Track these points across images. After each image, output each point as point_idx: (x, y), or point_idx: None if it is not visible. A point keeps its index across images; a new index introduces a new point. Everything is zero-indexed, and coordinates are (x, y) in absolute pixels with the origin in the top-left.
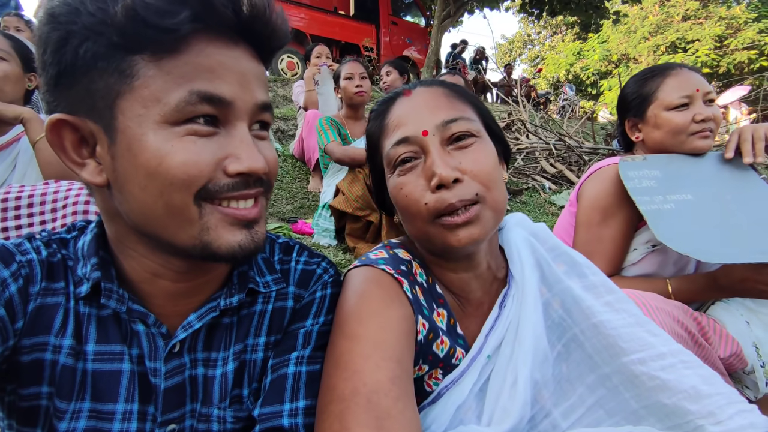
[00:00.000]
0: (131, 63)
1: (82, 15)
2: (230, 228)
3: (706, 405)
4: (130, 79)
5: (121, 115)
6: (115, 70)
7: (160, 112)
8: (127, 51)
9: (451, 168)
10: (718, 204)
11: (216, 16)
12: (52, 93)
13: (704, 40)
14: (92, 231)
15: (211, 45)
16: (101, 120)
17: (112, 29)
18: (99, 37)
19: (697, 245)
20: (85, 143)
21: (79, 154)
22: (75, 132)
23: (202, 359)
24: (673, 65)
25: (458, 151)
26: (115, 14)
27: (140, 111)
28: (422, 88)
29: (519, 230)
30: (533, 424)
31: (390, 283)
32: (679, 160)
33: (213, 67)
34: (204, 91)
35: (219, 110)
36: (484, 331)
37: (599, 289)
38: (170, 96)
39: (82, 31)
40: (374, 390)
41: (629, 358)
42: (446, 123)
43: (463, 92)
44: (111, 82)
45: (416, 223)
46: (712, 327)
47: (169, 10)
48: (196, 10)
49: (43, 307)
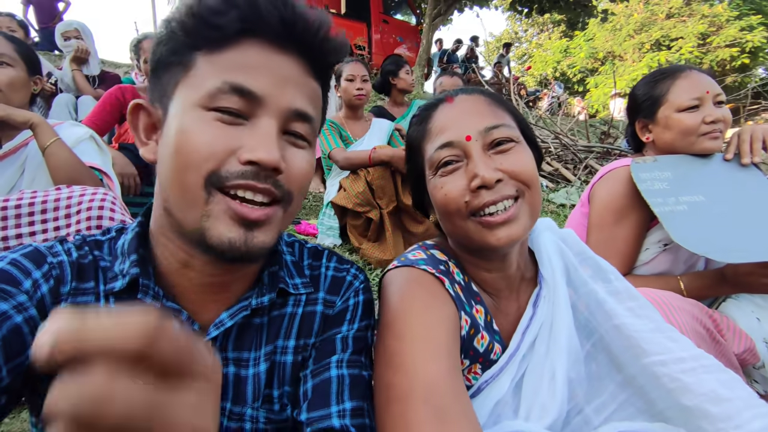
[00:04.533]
0: (192, 57)
1: (178, 19)
2: (229, 222)
3: (726, 408)
4: (187, 70)
5: (175, 101)
6: (180, 63)
7: (196, 95)
8: (190, 48)
9: (492, 170)
10: (728, 204)
11: (262, 20)
12: (154, 80)
13: (688, 37)
14: (133, 230)
15: (257, 47)
16: (163, 106)
17: (180, 28)
18: (175, 36)
19: (710, 245)
20: (155, 129)
21: (147, 135)
22: (148, 116)
23: (233, 358)
24: (683, 67)
25: (499, 155)
26: (181, 13)
27: (185, 94)
28: (464, 95)
29: (549, 234)
30: (566, 421)
31: (432, 282)
32: (688, 161)
33: (252, 65)
34: (236, 82)
35: (248, 104)
36: (520, 329)
37: (622, 295)
38: (207, 82)
39: (169, 32)
40: (430, 386)
41: (650, 360)
42: (488, 129)
43: (501, 100)
44: (176, 73)
45: (455, 220)
46: (726, 324)
47: (220, 10)
48: (244, 13)
49: (75, 306)
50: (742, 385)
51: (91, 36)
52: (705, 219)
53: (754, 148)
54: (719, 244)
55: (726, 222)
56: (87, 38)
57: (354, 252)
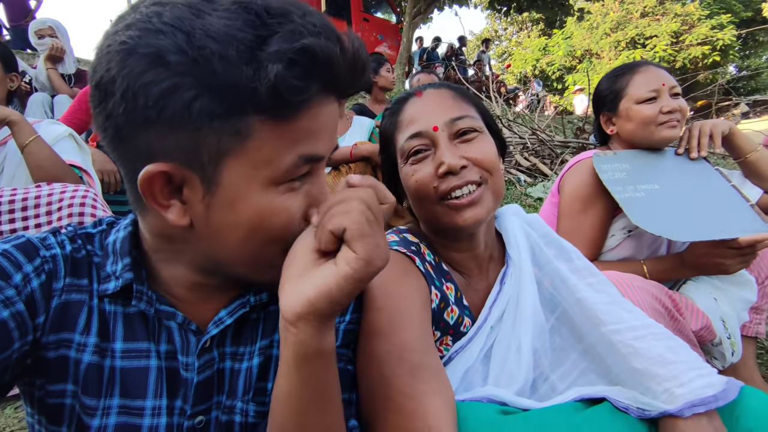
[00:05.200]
0: (247, 124)
1: (202, 70)
2: None
3: (672, 370)
4: (243, 139)
5: (227, 171)
6: (231, 129)
7: (269, 174)
8: (246, 113)
9: (457, 157)
10: (681, 192)
11: (338, 86)
12: (136, 131)
13: (661, 36)
14: (126, 228)
15: (320, 106)
16: (201, 171)
17: (242, 94)
18: (221, 97)
19: (666, 227)
20: (169, 183)
21: (164, 196)
22: (164, 176)
23: (229, 353)
24: (641, 63)
25: (463, 143)
26: (257, 88)
27: (250, 171)
28: (432, 90)
29: (515, 218)
30: (534, 389)
31: (404, 260)
32: (644, 155)
33: (318, 130)
34: (309, 154)
35: (312, 166)
36: (488, 303)
37: (583, 272)
38: (281, 160)
39: (199, 86)
40: (404, 348)
41: (607, 329)
42: (454, 120)
43: (466, 94)
44: (223, 140)
45: (425, 204)
46: (685, 303)
47: (302, 87)
48: (324, 84)
49: (69, 303)
50: (687, 351)
51: (66, 34)
52: (661, 204)
53: (701, 143)
54: (674, 226)
55: (679, 207)
56: (62, 36)
57: None
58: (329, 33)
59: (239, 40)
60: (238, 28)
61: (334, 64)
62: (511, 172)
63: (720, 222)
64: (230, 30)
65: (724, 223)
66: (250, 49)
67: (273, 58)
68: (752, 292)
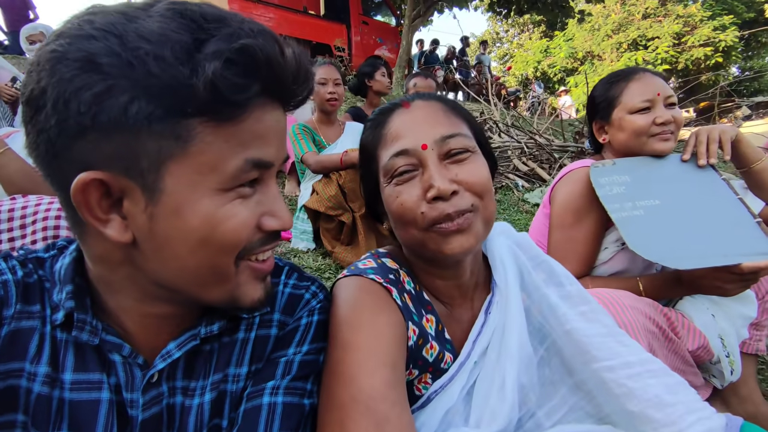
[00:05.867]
0: (188, 127)
1: (137, 72)
2: (254, 282)
3: (669, 414)
4: (184, 143)
5: (170, 177)
6: (171, 132)
7: (216, 179)
8: (187, 116)
9: (448, 181)
10: (683, 208)
11: (280, 86)
12: (70, 141)
13: (663, 37)
14: (71, 254)
15: (264, 111)
16: (141, 179)
17: (180, 95)
18: (158, 99)
19: (664, 252)
20: (107, 197)
21: (102, 209)
22: (101, 187)
23: (180, 387)
24: (637, 70)
25: (454, 164)
26: (194, 85)
27: (194, 177)
28: (421, 101)
29: (502, 239)
30: (519, 425)
31: (379, 292)
32: (646, 163)
33: (264, 134)
34: (257, 158)
35: (261, 172)
36: (472, 337)
37: (575, 299)
38: (227, 164)
39: (134, 88)
40: (371, 396)
41: (599, 365)
42: (445, 138)
43: (458, 108)
44: (163, 144)
45: (410, 230)
46: (681, 321)
47: (242, 84)
48: (265, 85)
49: (19, 331)
50: (686, 389)
51: None
52: (660, 224)
53: (710, 149)
54: (673, 251)
55: (681, 226)
56: None
57: (327, 256)
58: (267, 36)
59: (175, 41)
60: (174, 29)
61: (275, 65)
62: (509, 177)
63: (723, 243)
64: (165, 32)
65: (727, 244)
66: (186, 51)
67: (210, 58)
68: (752, 307)
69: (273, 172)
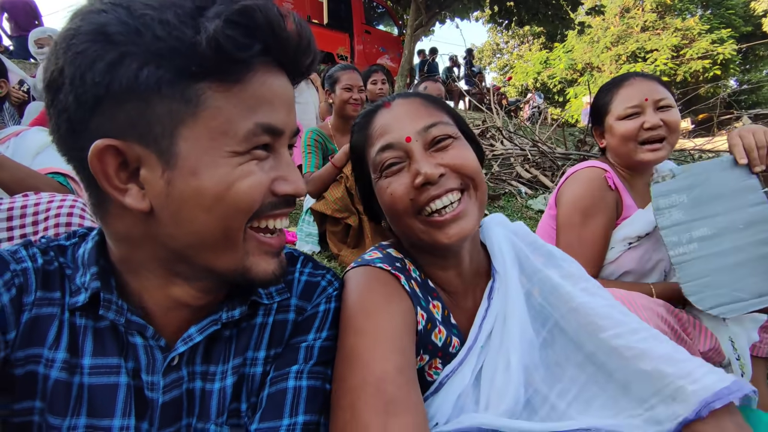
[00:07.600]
0: (198, 91)
1: (145, 37)
2: (264, 256)
3: (682, 367)
4: (195, 107)
5: (184, 142)
6: (181, 97)
7: (228, 142)
8: (195, 78)
9: (434, 166)
10: (730, 236)
11: (282, 49)
12: (88, 114)
13: (662, 50)
14: (93, 239)
15: (268, 75)
16: (155, 145)
17: (186, 56)
18: (166, 62)
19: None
20: (124, 167)
21: (121, 180)
22: (118, 156)
23: (200, 372)
24: (629, 76)
25: (439, 152)
26: (198, 43)
27: (207, 141)
28: (401, 99)
29: (499, 228)
30: (533, 410)
31: (388, 279)
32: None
33: (271, 98)
34: (266, 123)
35: (273, 138)
36: (477, 321)
37: (575, 277)
38: (238, 128)
39: (144, 54)
40: (381, 379)
41: (606, 334)
42: (427, 128)
43: (437, 101)
44: (174, 109)
45: (403, 219)
46: (692, 323)
47: (244, 43)
48: (267, 44)
49: (39, 318)
50: (692, 356)
51: None
52: (711, 262)
53: (760, 154)
54: (718, 297)
55: (727, 262)
56: None
57: (333, 259)
58: (268, 2)
59: (178, 5)
60: None
61: (275, 26)
62: (512, 184)
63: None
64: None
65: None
66: (189, 14)
67: (212, 18)
68: None
69: (284, 142)
